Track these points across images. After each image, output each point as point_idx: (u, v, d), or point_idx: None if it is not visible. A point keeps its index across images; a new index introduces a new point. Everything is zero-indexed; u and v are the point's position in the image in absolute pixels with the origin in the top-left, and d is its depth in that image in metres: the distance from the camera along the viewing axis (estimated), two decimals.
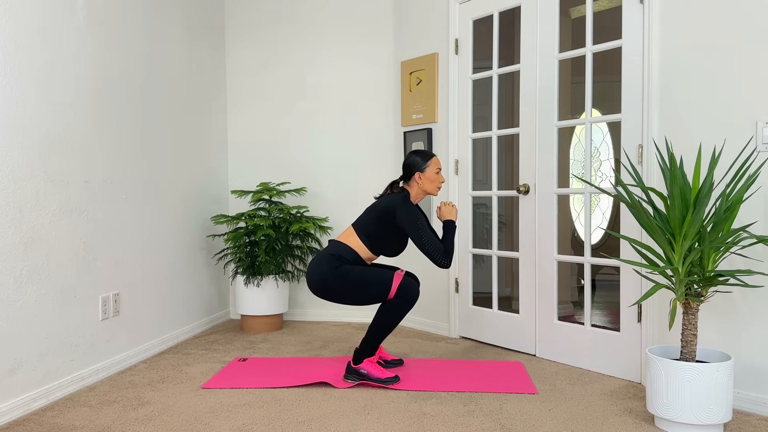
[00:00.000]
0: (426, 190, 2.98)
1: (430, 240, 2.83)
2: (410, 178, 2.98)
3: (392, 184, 3.04)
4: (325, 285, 2.83)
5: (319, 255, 2.92)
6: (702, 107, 2.62)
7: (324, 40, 4.36)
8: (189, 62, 3.92)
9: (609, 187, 5.80)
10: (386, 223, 2.89)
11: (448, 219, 2.96)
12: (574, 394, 2.71)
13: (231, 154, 4.52)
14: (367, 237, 2.91)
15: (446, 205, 3.00)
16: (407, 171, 2.98)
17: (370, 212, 2.94)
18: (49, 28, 2.67)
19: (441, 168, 3.02)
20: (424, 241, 2.82)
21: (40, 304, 2.60)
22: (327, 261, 2.85)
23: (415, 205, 2.93)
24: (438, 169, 2.97)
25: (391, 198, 2.91)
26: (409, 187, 2.99)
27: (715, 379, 2.17)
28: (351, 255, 2.89)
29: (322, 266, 2.85)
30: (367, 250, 2.93)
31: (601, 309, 4.62)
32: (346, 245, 2.91)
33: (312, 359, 3.28)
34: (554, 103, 3.22)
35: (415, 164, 2.96)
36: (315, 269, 2.86)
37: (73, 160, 2.82)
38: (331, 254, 2.87)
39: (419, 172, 2.95)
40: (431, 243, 2.82)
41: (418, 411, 2.49)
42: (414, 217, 2.84)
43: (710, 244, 2.18)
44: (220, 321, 4.35)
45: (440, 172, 2.99)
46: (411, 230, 2.84)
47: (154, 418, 2.42)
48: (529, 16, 3.32)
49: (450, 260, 2.85)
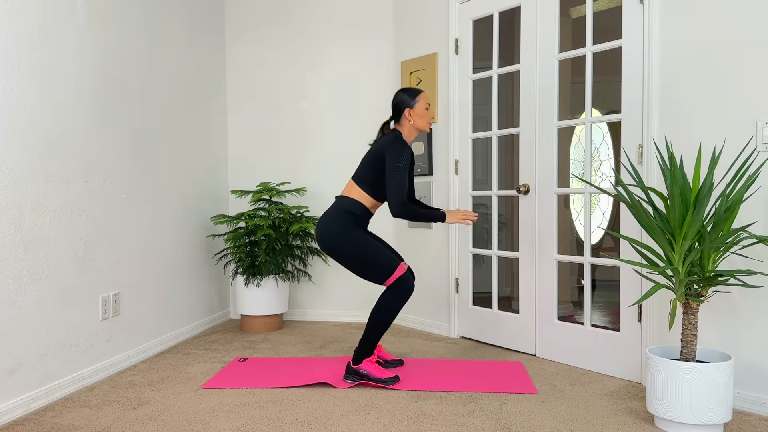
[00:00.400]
0: (417, 127, 2.94)
1: (398, 181, 2.76)
2: (400, 117, 2.95)
3: (383, 126, 3.01)
4: (333, 245, 2.83)
5: (326, 212, 2.90)
6: (702, 107, 2.62)
7: (324, 40, 4.36)
8: (189, 62, 3.92)
9: (609, 187, 5.80)
10: (381, 164, 2.86)
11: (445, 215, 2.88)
12: (574, 394, 2.71)
13: (231, 154, 4.52)
14: (368, 185, 2.89)
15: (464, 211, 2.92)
16: (396, 110, 2.95)
17: (366, 159, 2.92)
18: (49, 28, 2.67)
19: (430, 104, 2.96)
20: (392, 182, 2.76)
21: (40, 304, 2.60)
22: (337, 220, 2.84)
23: (405, 144, 2.85)
24: (427, 105, 2.94)
25: (384, 139, 2.88)
26: (401, 126, 2.95)
27: (715, 379, 2.17)
28: (357, 208, 2.88)
29: (332, 225, 2.84)
30: (370, 198, 2.91)
31: (601, 309, 4.62)
32: (351, 199, 2.89)
33: (312, 359, 3.28)
34: (554, 103, 3.22)
35: (403, 102, 2.93)
36: (325, 227, 2.85)
37: (73, 160, 2.82)
38: (340, 211, 2.85)
39: (408, 109, 2.92)
40: (397, 188, 2.76)
41: (418, 411, 2.49)
42: (397, 155, 2.79)
43: (710, 244, 2.18)
44: (220, 321, 4.35)
45: (430, 107, 2.95)
46: (389, 160, 2.78)
47: (154, 418, 2.42)
48: (529, 16, 3.32)
49: (402, 213, 2.77)
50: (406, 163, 2.82)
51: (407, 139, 2.97)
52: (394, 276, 2.80)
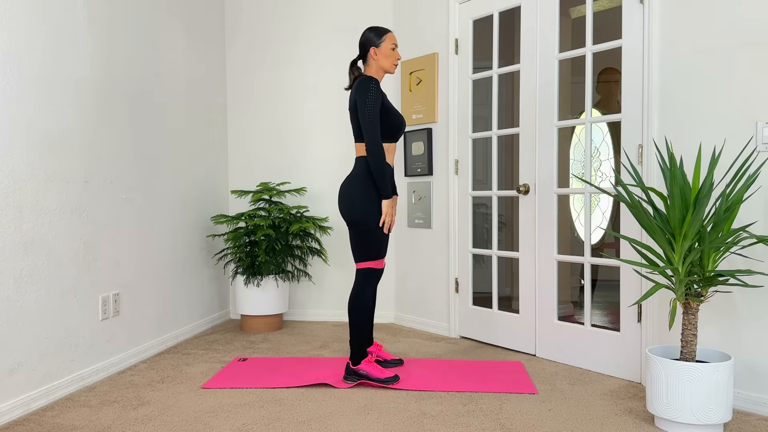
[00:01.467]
0: (383, 67, 2.90)
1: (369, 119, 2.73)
2: (367, 56, 2.91)
3: (351, 65, 2.97)
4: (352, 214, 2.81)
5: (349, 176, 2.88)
6: (702, 107, 2.62)
7: (324, 40, 4.36)
8: (189, 62, 3.92)
9: (609, 187, 5.80)
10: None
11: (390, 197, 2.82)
12: (574, 394, 2.71)
13: (231, 154, 4.52)
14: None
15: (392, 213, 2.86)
16: (363, 48, 2.91)
17: (351, 116, 2.89)
18: (49, 28, 2.67)
19: (397, 44, 2.93)
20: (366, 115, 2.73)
21: (40, 304, 2.60)
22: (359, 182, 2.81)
23: (372, 85, 2.79)
24: (394, 45, 2.90)
25: (354, 87, 2.83)
26: (368, 66, 2.92)
27: (715, 379, 2.17)
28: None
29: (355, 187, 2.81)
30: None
31: (601, 309, 4.62)
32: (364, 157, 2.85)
33: (312, 359, 3.28)
34: (554, 103, 3.22)
35: (369, 40, 2.89)
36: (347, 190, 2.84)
37: (73, 160, 2.82)
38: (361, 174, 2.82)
39: (374, 47, 2.88)
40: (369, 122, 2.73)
41: (418, 411, 2.49)
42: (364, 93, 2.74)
43: (710, 244, 2.18)
44: (220, 321, 4.35)
45: (396, 48, 2.92)
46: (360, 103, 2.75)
47: (154, 418, 2.42)
48: (529, 16, 3.32)
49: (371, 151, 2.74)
50: (375, 99, 2.76)
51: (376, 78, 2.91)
52: (371, 264, 2.82)
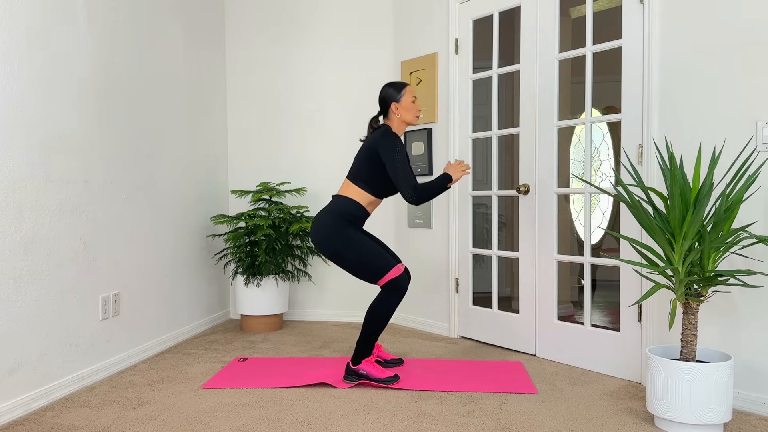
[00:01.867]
0: (405, 120, 2.94)
1: (404, 173, 2.77)
2: (388, 111, 2.95)
3: (372, 121, 3.01)
4: (328, 245, 2.83)
5: (321, 212, 2.90)
6: (702, 107, 2.62)
7: (324, 40, 4.36)
8: (189, 62, 3.92)
9: (609, 187, 5.80)
10: (375, 160, 2.86)
11: (448, 172, 2.89)
12: (574, 394, 2.71)
13: (231, 155, 4.52)
14: (365, 182, 2.89)
15: (458, 163, 2.93)
16: (383, 104, 2.95)
17: (359, 156, 2.92)
18: (49, 28, 2.67)
19: (416, 97, 2.97)
20: (397, 172, 2.77)
21: (40, 304, 2.60)
22: (331, 219, 2.83)
23: (396, 136, 2.86)
24: (414, 98, 2.94)
25: (374, 134, 2.88)
26: (389, 120, 2.96)
27: (715, 379, 2.17)
28: (353, 207, 2.87)
29: (326, 224, 2.83)
30: (368, 195, 2.90)
31: (601, 309, 4.62)
32: (348, 198, 2.89)
33: (312, 359, 3.28)
34: (554, 103, 3.22)
35: (389, 96, 2.94)
36: (318, 227, 2.85)
37: (73, 160, 2.82)
38: (335, 212, 2.85)
39: (395, 103, 2.92)
40: (404, 176, 2.77)
41: (418, 411, 2.49)
42: (392, 148, 2.79)
43: (710, 244, 2.18)
44: (220, 321, 4.35)
45: (416, 100, 2.96)
46: (387, 161, 2.79)
47: (154, 418, 2.42)
48: (529, 16, 3.32)
49: (418, 197, 2.78)
50: (403, 152, 2.82)
51: (397, 132, 2.96)
52: (388, 276, 2.80)
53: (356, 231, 2.87)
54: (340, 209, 2.87)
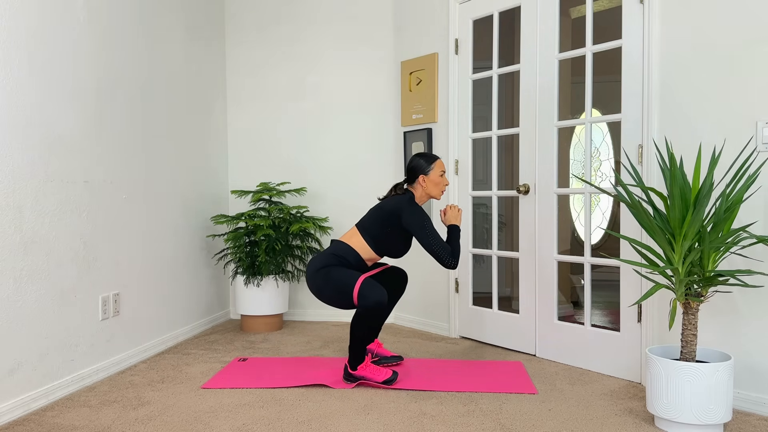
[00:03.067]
0: (430, 194, 2.98)
1: (437, 242, 2.83)
2: (414, 181, 2.98)
3: (396, 186, 3.03)
4: (314, 284, 2.85)
5: (318, 254, 2.92)
6: (702, 107, 2.62)
7: (324, 40, 4.36)
8: (189, 62, 3.92)
9: (609, 187, 5.80)
10: (392, 224, 2.89)
11: (453, 224, 2.97)
12: (574, 394, 2.71)
13: (231, 155, 4.52)
14: (372, 238, 2.91)
15: (452, 209, 3.00)
16: (411, 174, 2.98)
17: (375, 213, 2.94)
18: (49, 28, 2.67)
19: (445, 170, 3.00)
20: (432, 243, 2.82)
21: (40, 304, 2.60)
22: (320, 260, 2.86)
23: (420, 207, 2.92)
24: (442, 172, 2.97)
25: (398, 200, 2.90)
26: (414, 189, 2.99)
27: (715, 379, 2.17)
28: (352, 256, 2.89)
29: (315, 264, 2.86)
30: (370, 250, 2.92)
31: (601, 309, 4.62)
32: (348, 246, 2.90)
33: (312, 359, 3.28)
34: (554, 103, 3.22)
35: (419, 167, 2.96)
36: (309, 267, 2.88)
37: (73, 160, 2.82)
38: (331, 254, 2.88)
39: (423, 175, 2.95)
40: (439, 245, 2.83)
41: (418, 411, 2.49)
42: (421, 219, 2.84)
43: (710, 244, 2.18)
44: (220, 321, 4.35)
45: (444, 174, 2.99)
46: (418, 232, 2.84)
47: (154, 418, 2.42)
48: (529, 16, 3.32)
49: (457, 261, 2.87)
50: (430, 222, 2.87)
51: (418, 202, 2.99)
52: (355, 292, 2.74)
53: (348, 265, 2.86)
54: (335, 252, 2.87)
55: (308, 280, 2.88)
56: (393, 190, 3.04)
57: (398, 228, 2.90)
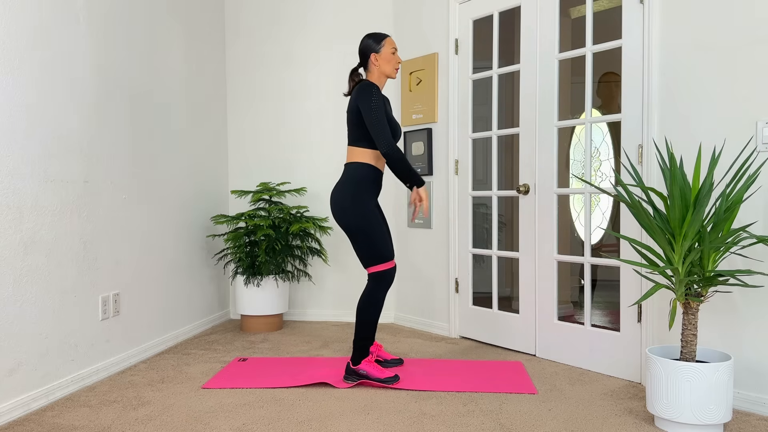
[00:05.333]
0: (384, 72, 2.94)
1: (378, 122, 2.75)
2: (368, 63, 2.94)
3: (351, 73, 3.00)
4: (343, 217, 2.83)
5: (338, 183, 2.89)
6: (702, 107, 2.62)
7: (324, 40, 4.36)
8: (189, 62, 3.92)
9: (609, 187, 5.80)
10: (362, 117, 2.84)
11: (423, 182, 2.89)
12: (574, 394, 2.71)
13: (231, 154, 4.52)
14: (364, 140, 2.88)
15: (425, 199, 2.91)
16: (363, 55, 2.95)
17: (349, 119, 2.91)
18: (49, 28, 2.67)
19: (396, 48, 2.97)
20: (372, 120, 2.75)
21: (40, 304, 2.60)
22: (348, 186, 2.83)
23: (374, 89, 2.82)
24: (394, 49, 2.94)
25: (354, 91, 2.86)
26: (369, 73, 2.96)
27: (715, 379, 2.17)
28: (366, 169, 2.86)
29: (345, 196, 2.83)
30: (371, 152, 2.88)
31: (601, 309, 4.62)
32: (356, 163, 2.88)
33: (312, 359, 3.28)
34: (554, 103, 3.22)
35: (369, 47, 2.93)
36: (337, 200, 2.85)
37: (73, 160, 2.82)
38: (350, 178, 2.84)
39: (374, 53, 2.92)
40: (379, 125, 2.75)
41: (418, 411, 2.49)
42: (367, 97, 2.77)
43: (710, 244, 2.18)
44: (220, 321, 4.35)
45: (396, 52, 2.95)
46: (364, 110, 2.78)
47: (154, 418, 2.42)
48: (529, 16, 3.32)
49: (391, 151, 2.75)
50: (379, 103, 2.79)
51: (378, 84, 2.94)
52: (381, 267, 2.81)
53: (373, 208, 2.86)
54: (354, 178, 2.85)
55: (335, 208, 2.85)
56: (350, 80, 2.99)
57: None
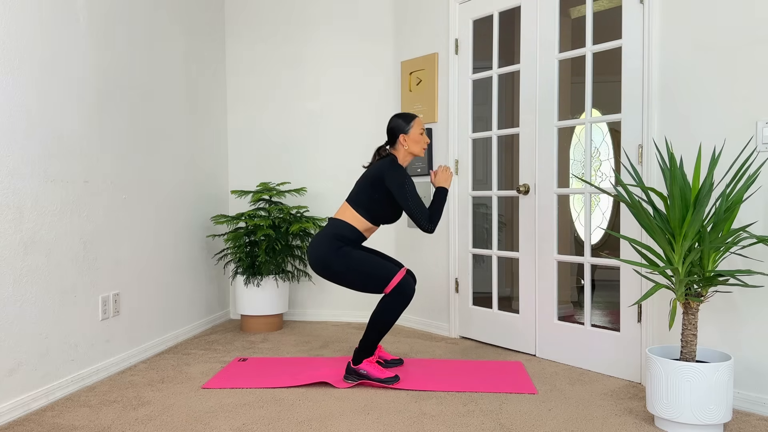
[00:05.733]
0: (412, 152, 2.97)
1: (416, 204, 2.81)
2: (395, 142, 2.97)
3: (378, 149, 3.04)
4: (326, 265, 2.84)
5: (318, 234, 2.91)
6: (702, 107, 2.62)
7: (324, 40, 4.36)
8: (189, 62, 3.92)
9: (609, 187, 5.80)
10: (378, 189, 2.88)
11: (442, 186, 2.95)
12: (574, 394, 2.71)
13: (231, 154, 4.52)
14: (364, 208, 2.91)
15: (443, 171, 2.97)
16: (391, 135, 2.97)
17: (361, 182, 2.94)
18: (49, 28, 2.67)
19: (425, 128, 3.00)
20: (410, 204, 2.80)
21: (40, 304, 2.60)
22: (327, 241, 2.85)
23: (403, 168, 2.89)
24: (422, 130, 2.96)
25: (380, 163, 2.90)
26: (396, 151, 2.98)
27: (715, 379, 2.17)
28: (350, 231, 2.89)
29: (322, 246, 2.85)
30: (365, 221, 2.92)
31: (601, 309, 4.62)
32: (344, 222, 2.90)
33: (312, 359, 3.28)
34: (554, 103, 3.22)
35: (398, 127, 2.95)
36: (316, 249, 2.87)
37: (73, 160, 2.82)
38: (331, 234, 2.87)
39: (403, 134, 2.94)
40: (417, 207, 2.81)
41: (418, 411, 2.49)
42: (401, 178, 2.82)
43: (710, 244, 2.18)
44: (220, 321, 4.35)
45: (424, 132, 2.98)
46: (398, 192, 2.82)
47: (154, 418, 2.42)
48: (529, 16, 3.32)
49: (434, 226, 2.83)
50: (412, 183, 2.86)
51: (402, 163, 2.98)
52: (393, 282, 2.80)
53: (351, 248, 2.88)
54: (335, 232, 2.88)
55: (317, 263, 2.86)
56: (376, 154, 3.04)
57: (385, 192, 2.88)
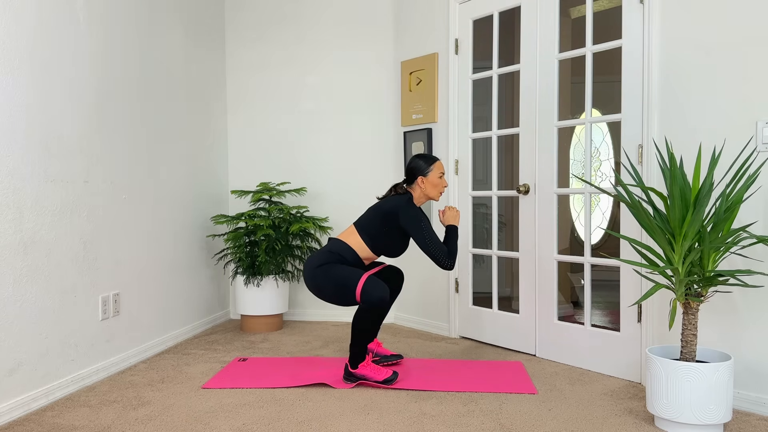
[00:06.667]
0: (428, 195, 2.99)
1: (434, 242, 2.84)
2: (413, 182, 2.98)
3: (395, 186, 3.04)
4: (313, 282, 2.86)
5: (316, 252, 2.93)
6: (702, 107, 2.62)
7: (324, 40, 4.35)
8: (189, 62, 3.92)
9: (609, 187, 5.80)
10: (389, 224, 2.89)
11: (452, 224, 2.97)
12: (574, 394, 2.71)
13: (231, 154, 4.52)
14: (369, 237, 2.92)
15: (450, 209, 3.01)
16: (410, 174, 2.99)
17: (373, 213, 2.94)
18: (49, 29, 2.67)
19: (444, 172, 3.02)
20: (428, 244, 2.83)
21: (40, 304, 2.60)
22: (318, 258, 2.86)
23: (418, 208, 2.93)
24: (441, 173, 2.98)
25: (396, 200, 2.90)
26: (412, 190, 3.00)
27: (715, 379, 2.17)
28: (350, 254, 2.89)
29: (313, 262, 2.86)
30: (367, 249, 2.93)
31: (601, 309, 4.62)
32: (346, 244, 2.91)
33: (312, 359, 3.28)
34: (554, 103, 3.22)
35: (418, 168, 2.96)
36: (307, 265, 2.88)
37: (73, 160, 2.82)
38: (328, 251, 2.88)
39: (422, 176, 2.95)
40: (435, 246, 2.83)
41: (418, 411, 2.49)
42: (418, 219, 2.85)
43: (710, 244, 2.18)
44: (220, 321, 4.35)
45: (443, 176, 2.99)
46: (415, 233, 2.84)
47: (154, 418, 2.42)
48: (529, 16, 3.32)
49: (454, 262, 2.87)
50: (428, 221, 2.88)
51: (417, 203, 3.00)
52: (358, 289, 2.76)
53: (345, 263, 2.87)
54: (334, 250, 2.88)
55: (306, 278, 2.88)
56: (392, 190, 3.05)
57: (396, 228, 2.91)
